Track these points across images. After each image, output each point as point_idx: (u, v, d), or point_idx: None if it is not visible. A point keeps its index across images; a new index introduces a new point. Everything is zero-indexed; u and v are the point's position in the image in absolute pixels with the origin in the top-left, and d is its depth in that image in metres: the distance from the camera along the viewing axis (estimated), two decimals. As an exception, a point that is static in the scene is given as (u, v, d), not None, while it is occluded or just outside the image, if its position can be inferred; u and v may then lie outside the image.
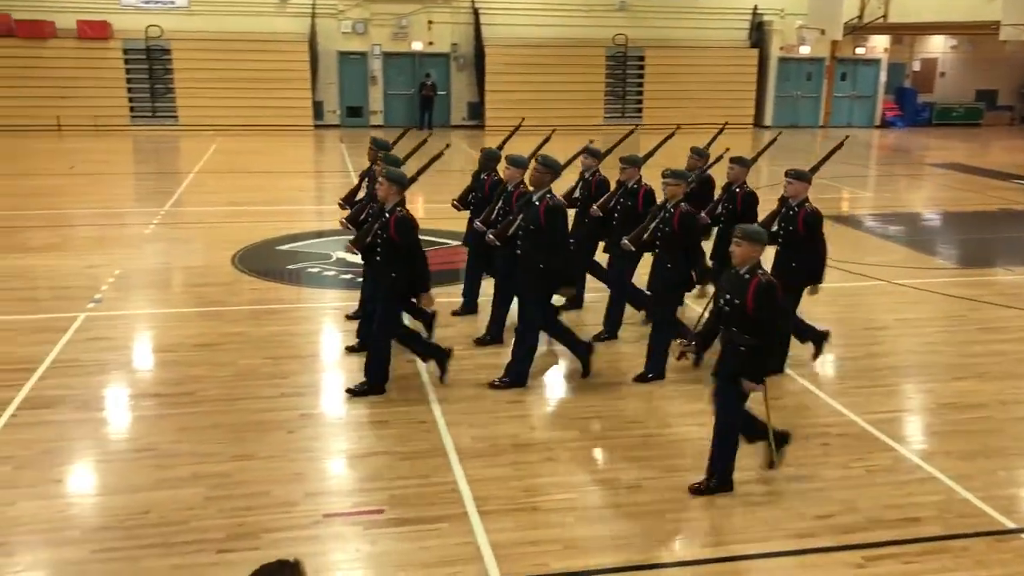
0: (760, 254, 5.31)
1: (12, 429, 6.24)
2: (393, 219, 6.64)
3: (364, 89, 25.93)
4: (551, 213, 6.92)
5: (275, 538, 4.98)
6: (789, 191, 7.27)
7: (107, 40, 23.62)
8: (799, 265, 7.21)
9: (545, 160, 7.17)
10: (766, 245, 5.41)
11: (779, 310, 5.40)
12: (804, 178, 7.24)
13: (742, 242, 5.26)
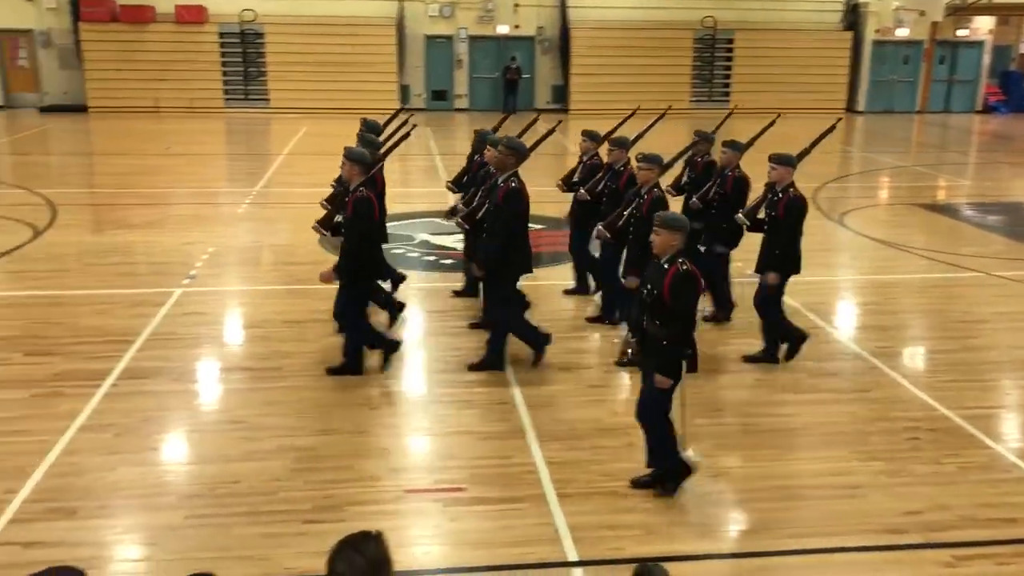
0: (680, 243, 5.05)
1: (113, 398, 6.52)
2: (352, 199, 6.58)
3: (449, 73, 26.09)
4: (509, 196, 6.74)
5: (359, 511, 5.10)
6: (773, 176, 7.02)
7: (203, 24, 24.30)
8: (783, 253, 6.98)
9: (510, 142, 6.96)
10: (687, 232, 5.11)
11: (695, 304, 5.12)
12: (788, 163, 7.00)
13: (660, 230, 5.05)
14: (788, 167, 6.98)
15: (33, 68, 24.71)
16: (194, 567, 4.48)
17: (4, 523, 4.90)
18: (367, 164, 6.66)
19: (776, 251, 7.00)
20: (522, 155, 6.94)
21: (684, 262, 5.00)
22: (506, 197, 6.72)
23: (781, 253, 6.98)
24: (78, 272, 9.70)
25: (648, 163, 6.97)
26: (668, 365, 5.06)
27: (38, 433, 5.95)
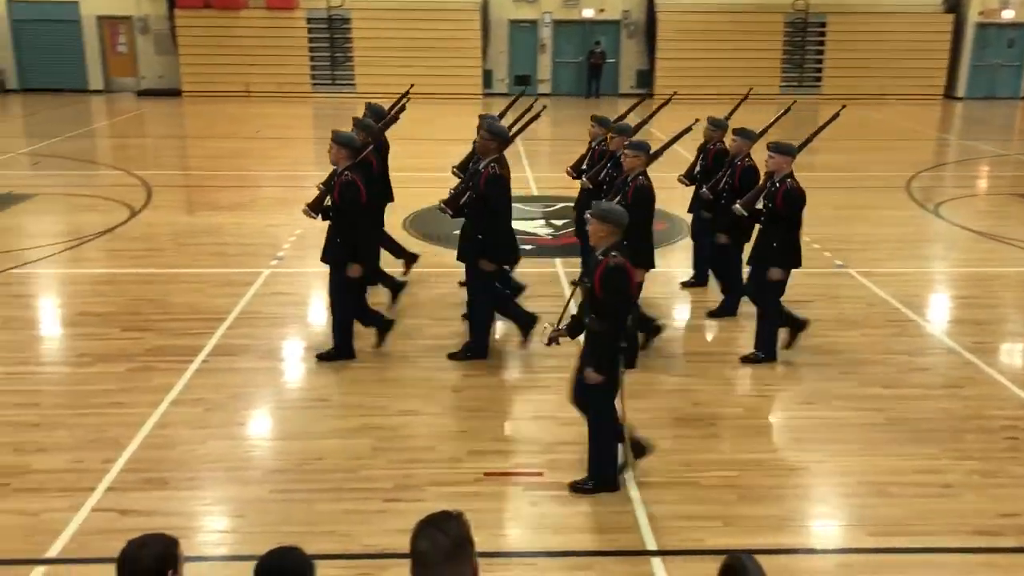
0: (615, 235, 4.90)
1: (204, 374, 6.74)
2: (338, 183, 6.60)
3: (533, 57, 26.01)
4: (490, 182, 6.70)
5: (439, 491, 5.16)
6: (770, 165, 6.78)
7: (293, 10, 24.75)
8: (780, 245, 6.73)
9: (491, 127, 6.90)
10: (621, 225, 4.92)
11: (625, 296, 4.98)
12: (786, 152, 6.75)
13: (593, 221, 4.91)
14: (786, 156, 6.75)
15: (131, 53, 25.58)
16: (279, 540, 4.59)
17: (102, 491, 5.11)
18: (355, 148, 6.72)
19: (773, 243, 6.78)
20: (504, 141, 6.90)
21: (616, 255, 4.87)
22: (487, 182, 6.70)
23: (779, 246, 6.76)
24: (171, 251, 10.03)
25: (634, 150, 6.76)
26: (600, 359, 4.94)
27: (133, 406, 6.18)
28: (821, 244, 10.16)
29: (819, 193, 13.20)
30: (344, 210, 6.64)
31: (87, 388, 6.47)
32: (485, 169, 6.77)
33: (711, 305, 8.28)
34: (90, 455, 5.50)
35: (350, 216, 6.64)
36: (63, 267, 9.44)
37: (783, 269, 6.81)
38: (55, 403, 6.24)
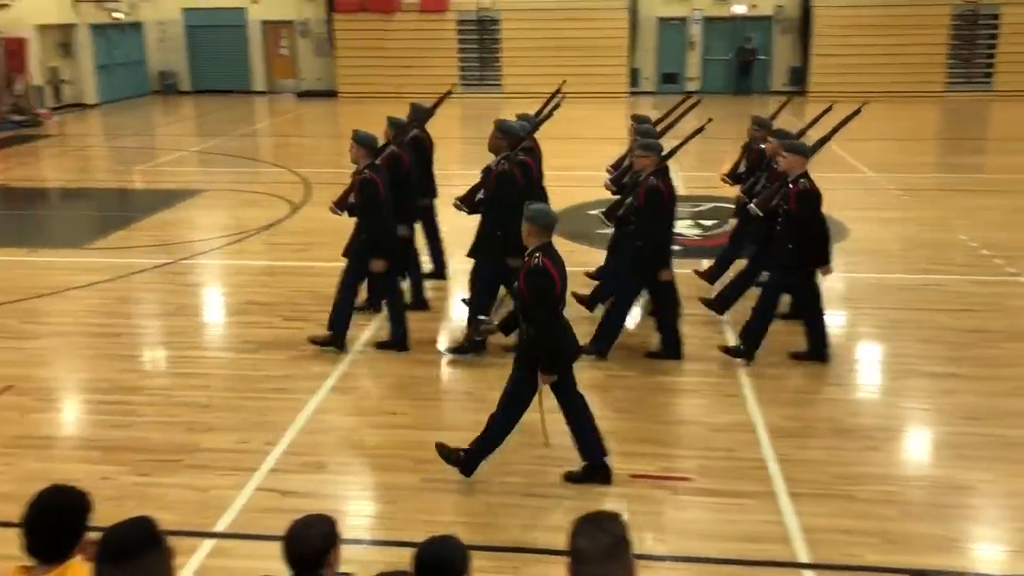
0: (541, 237, 4.90)
1: (359, 364, 6.99)
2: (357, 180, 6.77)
3: (681, 55, 25.62)
4: (500, 179, 6.75)
5: (585, 490, 5.16)
6: (783, 165, 6.61)
7: (444, 12, 25.31)
8: (796, 247, 6.52)
9: (502, 125, 6.98)
10: (546, 227, 4.92)
11: (543, 297, 4.86)
12: (799, 151, 6.56)
13: (524, 223, 4.92)
14: (798, 156, 6.55)
15: (292, 56, 26.83)
16: (429, 528, 4.70)
17: (265, 472, 5.39)
18: (373, 146, 6.89)
19: (789, 245, 6.55)
20: (516, 138, 6.96)
21: (539, 256, 4.83)
22: (498, 179, 6.78)
23: (795, 248, 6.54)
24: (330, 245, 10.39)
25: (645, 150, 6.64)
26: (543, 360, 4.95)
27: (294, 392, 6.48)
28: (991, 250, 9.55)
29: (989, 196, 12.43)
30: (363, 206, 6.84)
31: (252, 373, 6.84)
32: (497, 166, 6.88)
33: (881, 312, 7.92)
34: (254, 436, 5.81)
35: (370, 212, 6.82)
36: (229, 259, 10.00)
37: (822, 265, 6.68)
38: (223, 386, 6.63)
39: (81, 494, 2.80)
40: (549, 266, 4.87)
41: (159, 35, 26.58)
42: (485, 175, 7.10)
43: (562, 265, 4.98)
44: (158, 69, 26.67)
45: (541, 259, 4.87)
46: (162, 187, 13.93)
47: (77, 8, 23.10)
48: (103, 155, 17.72)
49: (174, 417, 6.11)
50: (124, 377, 6.81)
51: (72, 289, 8.78)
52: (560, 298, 4.97)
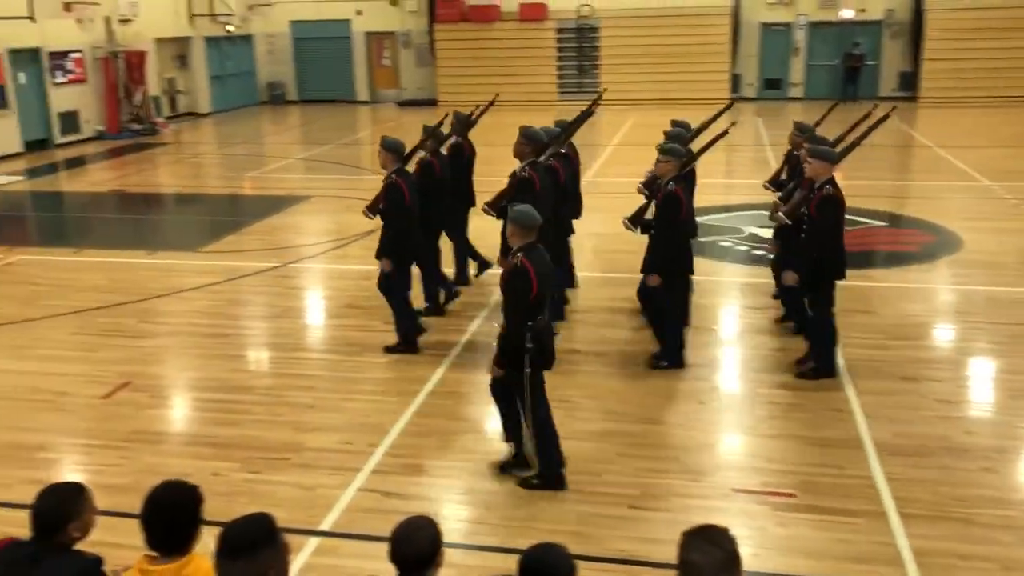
0: (524, 237, 4.99)
1: (457, 368, 7.07)
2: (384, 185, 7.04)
3: (785, 61, 25.08)
4: (521, 184, 6.89)
5: (684, 503, 5.09)
6: (808, 172, 6.44)
7: (543, 21, 25.43)
8: (819, 256, 6.38)
9: (526, 132, 7.11)
10: (529, 227, 5.00)
11: (520, 297, 4.93)
12: (824, 157, 6.37)
13: (508, 223, 5.07)
14: (824, 161, 6.37)
15: (394, 66, 27.38)
16: (526, 534, 4.74)
17: (368, 473, 5.50)
18: (400, 153, 7.11)
19: (813, 254, 6.40)
20: (539, 145, 7.10)
21: (518, 257, 4.93)
22: (518, 186, 6.92)
23: (818, 256, 6.38)
24: (428, 252, 10.59)
25: (666, 155, 6.61)
26: (503, 355, 5.06)
27: (395, 395, 6.60)
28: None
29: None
30: (387, 210, 7.08)
31: (354, 375, 6.99)
32: (520, 173, 7.04)
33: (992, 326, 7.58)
34: (357, 438, 5.93)
35: (394, 215, 7.07)
36: (333, 263, 10.26)
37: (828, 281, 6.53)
38: (327, 387, 6.80)
39: (193, 489, 2.91)
40: (529, 268, 4.92)
41: (268, 47, 27.53)
42: (510, 179, 7.25)
43: (545, 266, 5.04)
44: (267, 80, 27.61)
45: (521, 260, 4.94)
46: (270, 193, 14.41)
47: (193, 22, 24.13)
48: (215, 162, 18.45)
49: (281, 416, 6.30)
50: (233, 376, 7.06)
51: (186, 291, 9.16)
52: (538, 300, 4.97)
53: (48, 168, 17.21)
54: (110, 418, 6.36)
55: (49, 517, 2.94)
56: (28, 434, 6.15)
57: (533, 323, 4.94)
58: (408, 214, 7.11)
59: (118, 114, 20.57)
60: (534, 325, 4.94)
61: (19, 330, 8.14)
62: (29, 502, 2.98)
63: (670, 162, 6.65)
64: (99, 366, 7.26)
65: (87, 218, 13.66)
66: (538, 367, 5.08)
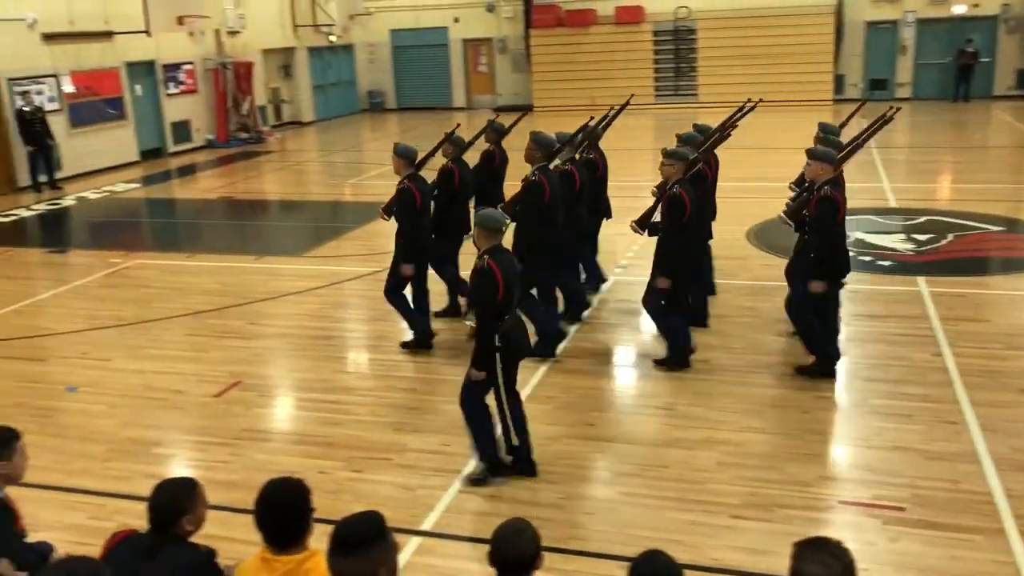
0: (490, 239, 5.14)
1: (555, 373, 7.08)
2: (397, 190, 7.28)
3: (891, 60, 24.24)
4: (531, 188, 7.04)
5: (788, 514, 4.97)
6: (808, 173, 6.53)
7: (639, 24, 25.26)
8: (818, 257, 6.43)
9: (536, 137, 7.21)
10: (494, 230, 5.16)
11: (484, 297, 5.11)
12: (823, 158, 6.40)
13: (475, 227, 5.22)
14: (822, 163, 6.41)
15: (490, 73, 27.62)
16: (627, 542, 4.73)
17: (467, 475, 5.55)
18: (411, 159, 7.33)
19: (811, 254, 6.46)
20: (550, 149, 7.22)
21: (483, 259, 5.08)
22: (527, 189, 7.05)
23: (816, 256, 6.43)
24: (525, 256, 10.65)
25: (670, 158, 6.72)
26: (476, 356, 5.21)
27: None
28: None
29: None
30: (399, 213, 7.35)
31: (454, 378, 7.03)
32: (531, 177, 7.11)
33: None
34: (457, 440, 5.99)
35: (405, 219, 7.32)
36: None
37: (823, 281, 6.47)
38: (427, 389, 6.91)
39: (301, 484, 3.00)
40: (495, 269, 5.07)
41: (368, 56, 28.15)
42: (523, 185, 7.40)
43: (510, 268, 5.17)
44: (367, 88, 28.23)
45: (488, 262, 5.09)
46: (370, 200, 14.70)
47: (297, 33, 24.87)
48: (317, 170, 18.97)
49: (383, 417, 6.43)
50: (337, 377, 7.24)
51: (291, 294, 9.45)
52: (506, 300, 5.11)
53: (162, 176, 18.01)
54: (221, 416, 6.61)
55: (164, 510, 3.08)
56: (145, 430, 6.44)
57: (502, 323, 5.14)
58: (418, 218, 7.36)
59: (227, 123, 21.37)
60: (503, 325, 5.14)
61: (136, 331, 8.54)
62: (146, 495, 3.12)
63: (674, 165, 6.73)
64: (211, 366, 7.56)
65: (198, 224, 14.23)
66: (509, 365, 5.32)
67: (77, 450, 6.13)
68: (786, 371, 6.90)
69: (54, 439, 6.27)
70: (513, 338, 5.24)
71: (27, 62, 16.29)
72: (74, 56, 17.30)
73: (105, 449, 6.14)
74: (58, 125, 16.64)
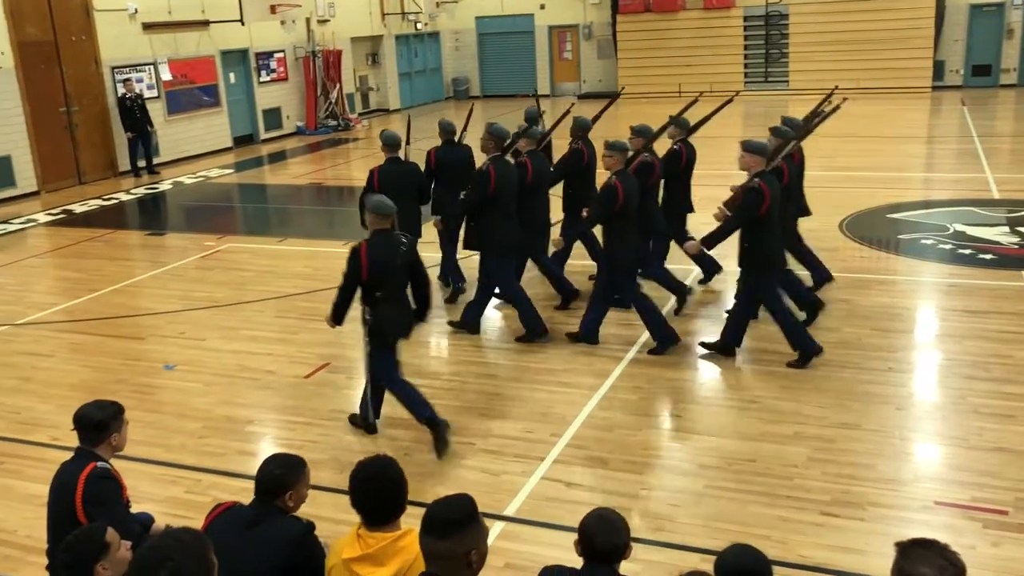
0: (380, 224, 5.54)
1: (639, 364, 7.02)
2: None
3: (996, 45, 23.20)
4: (480, 177, 7.35)
5: (881, 513, 4.83)
6: (740, 164, 6.67)
7: (730, 9, 24.74)
8: (750, 245, 6.60)
9: (491, 128, 7.53)
10: (388, 216, 5.55)
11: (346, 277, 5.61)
12: (755, 150, 6.60)
13: (367, 212, 5.66)
14: (755, 155, 6.58)
15: (575, 59, 27.46)
16: (714, 535, 4.66)
17: (550, 462, 5.57)
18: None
19: (745, 244, 6.66)
20: (504, 141, 7.45)
21: (359, 243, 5.55)
22: (477, 179, 7.34)
23: (749, 247, 6.63)
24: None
25: (610, 150, 6.97)
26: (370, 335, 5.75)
27: (576, 387, 6.64)
28: None
29: None
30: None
31: (536, 366, 7.09)
32: (482, 167, 7.40)
33: None
34: (539, 427, 6.02)
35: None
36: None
37: (758, 271, 6.67)
38: (510, 376, 6.93)
39: (395, 463, 3.05)
40: (362, 252, 5.52)
41: (454, 43, 28.30)
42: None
43: (384, 253, 5.53)
44: (451, 76, 28.40)
45: (361, 244, 5.56)
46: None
47: (385, 21, 25.16)
48: (403, 156, 19.16)
49: (468, 403, 6.48)
50: (424, 362, 7.32)
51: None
52: (372, 282, 5.55)
53: (254, 162, 18.48)
54: (311, 396, 6.76)
55: (272, 483, 3.18)
56: (239, 408, 6.64)
57: (375, 300, 5.60)
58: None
59: (316, 111, 21.78)
60: (376, 301, 5.60)
61: (230, 312, 8.79)
62: (240, 471, 3.22)
63: (614, 156, 6.98)
64: (301, 347, 7.73)
65: (288, 209, 14.56)
66: (378, 342, 5.74)
67: (175, 426, 6.35)
68: (880, 367, 6.70)
69: (152, 415, 6.51)
70: (385, 319, 5.66)
71: (128, 51, 16.90)
72: (172, 45, 17.87)
73: (201, 426, 6.35)
74: (156, 112, 17.23)
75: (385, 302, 5.65)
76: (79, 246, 11.84)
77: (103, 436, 3.83)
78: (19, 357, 7.86)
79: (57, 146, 15.72)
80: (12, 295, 9.78)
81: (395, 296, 5.74)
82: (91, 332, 8.42)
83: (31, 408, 6.75)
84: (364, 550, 2.90)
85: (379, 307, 5.64)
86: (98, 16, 16.28)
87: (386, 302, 5.65)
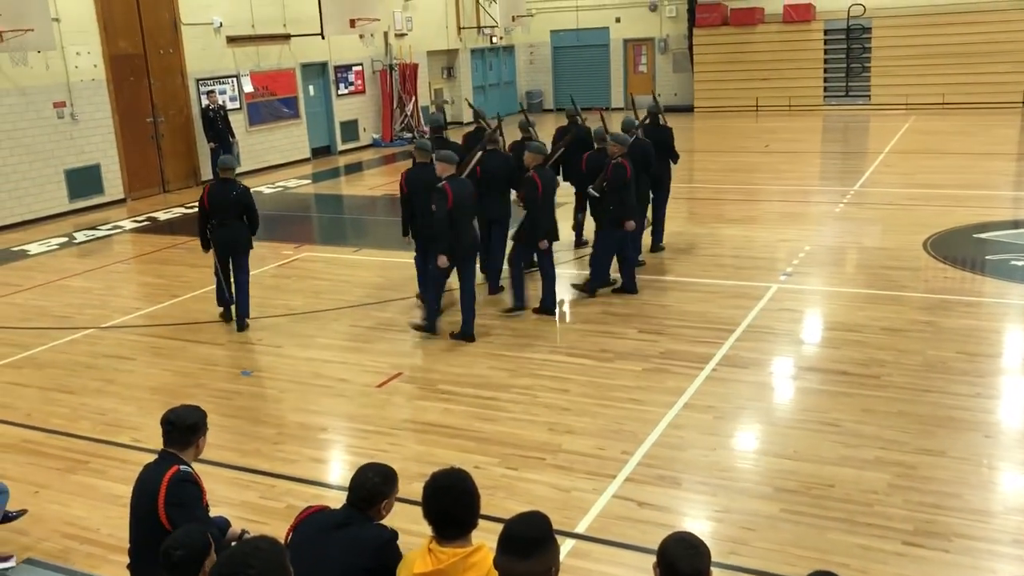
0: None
1: (713, 382, 6.90)
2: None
3: (1091, 59, 22.28)
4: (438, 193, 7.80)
5: (968, 545, 4.64)
6: (609, 150, 8.79)
7: (810, 22, 24.31)
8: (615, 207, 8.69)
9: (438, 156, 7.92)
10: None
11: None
12: (620, 142, 8.76)
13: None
14: (619, 145, 8.73)
15: (650, 72, 27.31)
16: (791, 561, 4.54)
17: (621, 480, 5.49)
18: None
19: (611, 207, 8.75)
20: (454, 164, 7.92)
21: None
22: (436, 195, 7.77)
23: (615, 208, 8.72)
24: (684, 261, 10.45)
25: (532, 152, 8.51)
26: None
27: (649, 404, 6.55)
28: None
29: None
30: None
31: (608, 382, 7.02)
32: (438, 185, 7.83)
33: None
34: (611, 444, 5.95)
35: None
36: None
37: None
38: (582, 392, 6.87)
39: (468, 477, 3.03)
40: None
41: (529, 57, 28.42)
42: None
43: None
44: (525, 89, 28.51)
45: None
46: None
47: (461, 35, 25.41)
48: (476, 168, 19.26)
49: (537, 417, 6.45)
50: (493, 374, 7.32)
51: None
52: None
53: (331, 173, 18.81)
54: (383, 405, 6.82)
55: (371, 491, 3.25)
56: (312, 416, 6.72)
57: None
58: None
59: (391, 123, 22.08)
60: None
61: (305, 320, 8.94)
62: (313, 478, 3.25)
63: (534, 156, 8.45)
64: (374, 357, 7.81)
65: (363, 220, 14.77)
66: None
67: (250, 432, 6.47)
68: (967, 392, 6.45)
69: (229, 420, 6.64)
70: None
71: (212, 63, 17.39)
72: (254, 58, 18.33)
73: (275, 432, 6.45)
74: (237, 123, 17.68)
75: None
76: (162, 253, 12.20)
77: (192, 439, 3.93)
78: (103, 360, 8.12)
79: (143, 155, 16.25)
80: (98, 299, 10.12)
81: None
82: (172, 337, 8.65)
83: (115, 410, 6.95)
84: (435, 565, 2.88)
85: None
86: (185, 30, 16.81)
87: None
